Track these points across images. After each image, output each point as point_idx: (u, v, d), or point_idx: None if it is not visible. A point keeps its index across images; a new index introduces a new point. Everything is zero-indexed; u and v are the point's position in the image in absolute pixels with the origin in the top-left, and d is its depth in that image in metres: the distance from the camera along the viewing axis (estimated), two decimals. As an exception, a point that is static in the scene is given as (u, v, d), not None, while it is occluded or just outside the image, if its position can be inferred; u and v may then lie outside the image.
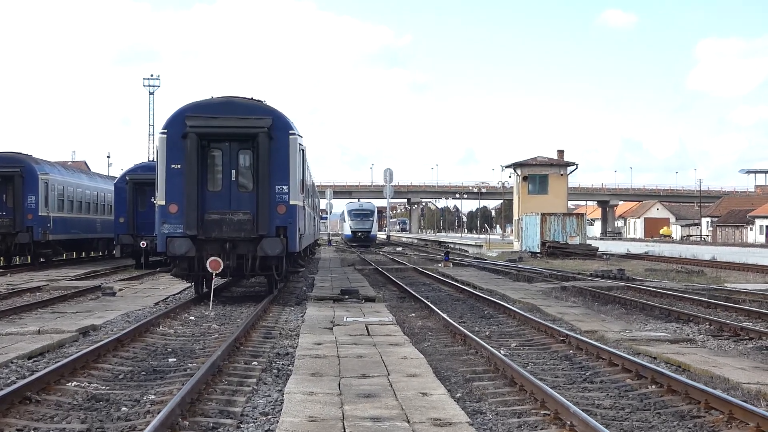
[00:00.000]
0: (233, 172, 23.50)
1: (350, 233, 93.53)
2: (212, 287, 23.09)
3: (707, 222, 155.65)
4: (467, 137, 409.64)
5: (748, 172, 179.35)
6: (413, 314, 22.48)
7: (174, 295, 26.37)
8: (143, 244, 39.06)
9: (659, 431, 10.19)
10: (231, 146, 23.56)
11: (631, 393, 12.15)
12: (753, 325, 19.63)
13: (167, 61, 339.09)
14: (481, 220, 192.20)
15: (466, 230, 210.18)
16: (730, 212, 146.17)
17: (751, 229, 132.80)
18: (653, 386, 12.31)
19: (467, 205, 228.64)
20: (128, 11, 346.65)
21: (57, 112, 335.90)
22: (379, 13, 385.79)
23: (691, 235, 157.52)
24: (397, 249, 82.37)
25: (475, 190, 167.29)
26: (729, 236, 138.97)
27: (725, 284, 33.49)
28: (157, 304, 23.77)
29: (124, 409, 10.85)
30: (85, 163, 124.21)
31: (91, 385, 12.28)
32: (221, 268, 22.60)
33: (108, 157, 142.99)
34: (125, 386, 12.36)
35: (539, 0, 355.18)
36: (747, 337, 18.05)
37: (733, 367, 13.71)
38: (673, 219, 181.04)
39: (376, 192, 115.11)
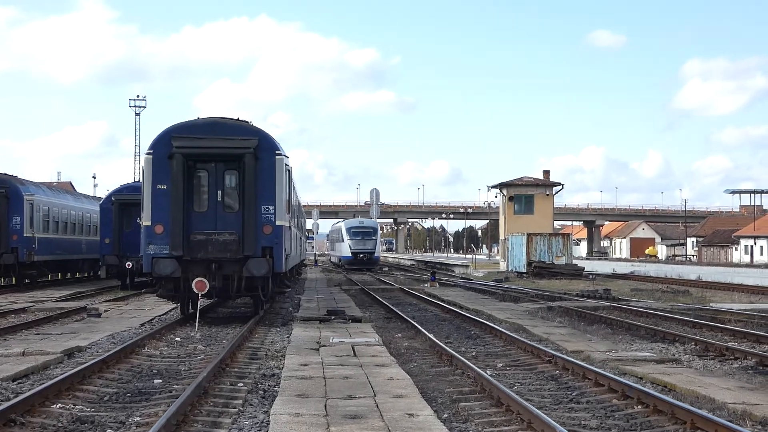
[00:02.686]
0: (219, 192, 23.46)
1: (350, 254, 79.65)
2: (198, 308, 23.02)
3: (693, 242, 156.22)
4: (454, 157, 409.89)
5: (734, 192, 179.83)
6: (400, 335, 22.46)
7: (160, 316, 26.28)
8: (129, 264, 38.91)
9: (645, 451, 10.19)
10: (217, 167, 23.55)
11: (618, 413, 12.15)
12: (738, 345, 19.68)
13: (154, 82, 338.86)
14: (467, 240, 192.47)
15: (452, 250, 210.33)
16: (716, 232, 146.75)
17: (736, 249, 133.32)
18: (639, 406, 12.32)
19: (454, 225, 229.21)
20: (115, 33, 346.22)
21: (42, 132, 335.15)
22: (366, 34, 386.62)
23: (676, 255, 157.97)
24: (384, 269, 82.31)
25: (462, 210, 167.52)
26: (714, 256, 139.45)
27: (711, 304, 33.56)
28: (142, 325, 23.68)
29: (109, 431, 10.80)
30: (71, 183, 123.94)
31: (76, 407, 12.22)
32: (207, 289, 22.54)
33: (94, 177, 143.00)
34: (110, 408, 12.30)
35: (528, 19, 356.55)
36: (732, 357, 18.08)
37: (719, 387, 13.73)
38: (658, 239, 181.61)
39: (363, 212, 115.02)
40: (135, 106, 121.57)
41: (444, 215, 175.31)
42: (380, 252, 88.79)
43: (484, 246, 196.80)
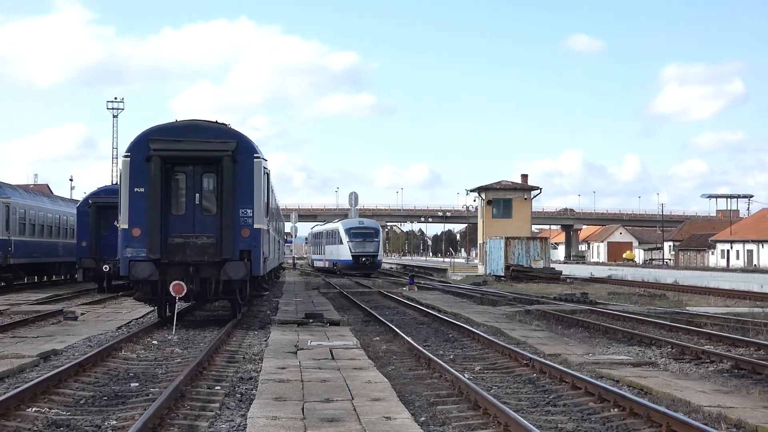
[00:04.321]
0: (197, 195, 23.40)
1: (349, 258, 71.33)
2: (175, 311, 22.97)
3: (669, 246, 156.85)
4: (433, 161, 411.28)
5: (710, 196, 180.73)
6: (378, 338, 22.46)
7: (137, 319, 26.17)
8: (106, 267, 38.76)
9: (621, 454, 10.23)
10: (195, 169, 23.48)
11: (594, 416, 12.19)
12: (714, 349, 19.80)
13: (132, 84, 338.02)
14: (446, 244, 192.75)
15: (431, 254, 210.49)
16: (692, 236, 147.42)
17: (712, 253, 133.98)
18: (616, 409, 12.37)
19: (432, 229, 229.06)
20: (92, 34, 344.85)
21: (19, 134, 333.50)
22: (347, 38, 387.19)
23: (653, 259, 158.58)
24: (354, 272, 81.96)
25: (441, 213, 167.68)
26: (691, 260, 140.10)
27: (687, 308, 33.74)
28: (119, 328, 23.57)
29: (85, 434, 10.75)
30: (48, 186, 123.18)
31: (52, 410, 12.16)
32: (184, 292, 22.51)
33: (71, 180, 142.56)
34: (86, 411, 12.24)
35: (507, 24, 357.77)
36: (708, 361, 18.18)
37: (695, 390, 13.81)
38: (636, 243, 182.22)
39: (341, 215, 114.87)
40: (113, 109, 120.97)
41: (423, 219, 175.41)
42: (382, 255, 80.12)
43: (463, 249, 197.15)
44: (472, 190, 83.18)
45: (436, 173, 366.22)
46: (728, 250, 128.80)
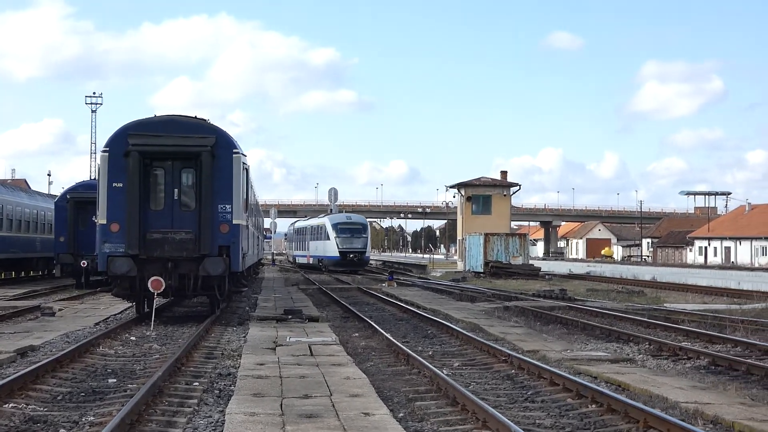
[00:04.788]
0: (176, 190, 23.34)
1: (337, 255, 69.18)
2: (154, 307, 22.90)
3: (648, 243, 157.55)
4: (413, 157, 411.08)
5: (688, 193, 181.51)
6: (357, 334, 22.47)
7: (115, 315, 26.09)
8: (84, 263, 38.62)
9: (599, 450, 10.27)
10: (174, 165, 23.41)
11: (572, 412, 12.24)
12: (691, 345, 19.91)
13: (111, 79, 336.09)
14: (425, 240, 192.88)
15: (410, 250, 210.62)
16: (670, 233, 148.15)
17: (690, 250, 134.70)
18: (593, 405, 12.42)
19: (412, 225, 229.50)
20: (71, 29, 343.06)
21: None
22: (326, 34, 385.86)
23: (632, 256, 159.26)
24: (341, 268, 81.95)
25: (420, 209, 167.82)
26: (669, 257, 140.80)
27: (665, 304, 33.90)
28: (97, 324, 23.49)
29: (62, 431, 10.72)
30: (25, 181, 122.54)
31: (29, 406, 12.10)
32: (163, 288, 22.45)
33: (49, 175, 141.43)
34: (64, 408, 12.19)
35: (487, 20, 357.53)
36: (685, 357, 18.28)
37: (672, 387, 13.88)
38: (614, 240, 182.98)
39: (321, 211, 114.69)
40: (91, 104, 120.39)
41: (402, 215, 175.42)
42: (370, 251, 77.72)
43: (442, 246, 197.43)
44: (451, 187, 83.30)
45: (416, 169, 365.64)
46: (706, 247, 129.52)
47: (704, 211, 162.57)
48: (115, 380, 14.58)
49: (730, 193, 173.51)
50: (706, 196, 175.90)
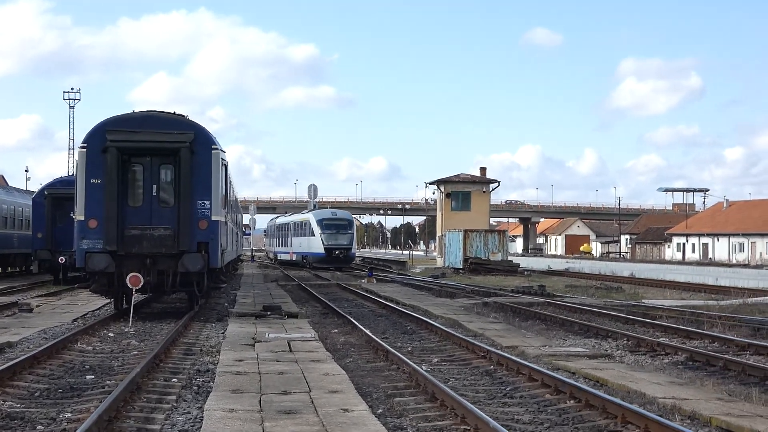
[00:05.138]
0: (154, 187, 23.28)
1: (322, 251, 67.24)
2: (132, 303, 22.82)
3: (626, 239, 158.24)
4: (392, 153, 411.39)
5: (666, 190, 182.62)
6: (336, 330, 22.45)
7: (93, 311, 25.97)
8: (62, 259, 38.43)
9: (577, 445, 10.31)
10: (152, 161, 23.35)
11: (550, 408, 12.27)
12: (669, 341, 20.00)
13: (89, 74, 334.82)
14: (405, 236, 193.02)
15: (390, 246, 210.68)
16: (649, 230, 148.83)
17: (668, 246, 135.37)
18: (572, 401, 12.45)
19: (392, 221, 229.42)
20: (49, 23, 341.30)
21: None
22: (306, 30, 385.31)
23: (610, 252, 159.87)
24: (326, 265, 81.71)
25: (400, 206, 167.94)
26: (647, 253, 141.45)
27: (643, 300, 34.05)
28: (75, 320, 23.38)
29: (39, 427, 10.65)
30: (3, 177, 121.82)
31: (6, 403, 12.03)
32: (141, 284, 22.39)
33: (26, 171, 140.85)
34: (41, 404, 12.13)
35: (467, 17, 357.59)
36: (663, 353, 18.36)
37: (650, 382, 13.94)
38: (593, 236, 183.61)
39: (301, 207, 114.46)
40: (69, 99, 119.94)
41: (382, 211, 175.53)
42: (356, 248, 73.83)
43: (422, 242, 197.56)
44: (431, 183, 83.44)
45: (396, 166, 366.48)
46: (684, 244, 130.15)
47: (682, 207, 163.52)
48: (93, 377, 14.52)
49: (707, 190, 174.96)
50: (684, 193, 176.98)
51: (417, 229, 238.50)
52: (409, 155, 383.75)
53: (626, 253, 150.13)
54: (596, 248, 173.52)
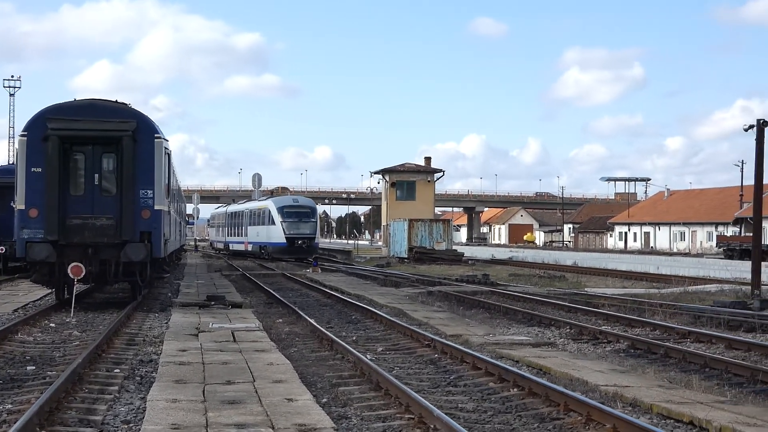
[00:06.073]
0: (96, 176, 23.03)
1: (284, 241, 62.48)
2: (74, 293, 22.57)
3: (569, 228, 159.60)
4: (338, 143, 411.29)
5: (609, 179, 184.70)
6: (280, 320, 22.40)
7: (34, 301, 25.65)
8: (2, 249, 37.86)
9: (520, 433, 10.38)
10: (94, 149, 23.09)
11: (494, 396, 12.36)
12: (611, 329, 20.23)
13: (30, 62, 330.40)
14: (350, 226, 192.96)
15: (335, 236, 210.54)
16: (591, 219, 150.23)
17: (610, 235, 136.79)
18: (515, 389, 12.54)
19: (336, 211, 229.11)
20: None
21: None
22: (251, 18, 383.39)
23: (553, 241, 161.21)
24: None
25: (345, 195, 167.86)
26: (590, 242, 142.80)
27: (586, 289, 34.39)
28: (15, 311, 23.06)
29: (-22, 419, 10.51)
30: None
31: (-56, 395, 11.85)
32: (83, 274, 22.15)
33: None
34: (-20, 396, 11.96)
35: (412, 6, 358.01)
36: (605, 341, 18.57)
37: (592, 370, 14.08)
38: (536, 225, 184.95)
39: (245, 197, 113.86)
40: (9, 87, 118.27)
41: (327, 201, 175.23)
42: (320, 237, 69.84)
43: (367, 232, 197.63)
44: (376, 173, 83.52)
45: (341, 155, 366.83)
46: (626, 233, 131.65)
47: (624, 197, 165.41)
48: (33, 367, 14.34)
49: (649, 179, 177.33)
50: (627, 182, 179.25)
51: (362, 219, 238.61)
52: (355, 144, 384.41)
53: (569, 242, 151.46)
54: (539, 237, 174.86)
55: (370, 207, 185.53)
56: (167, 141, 24.33)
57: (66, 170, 22.71)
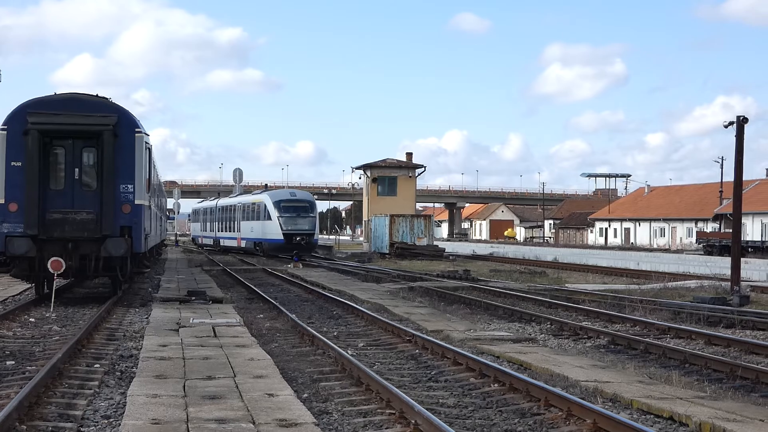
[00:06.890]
0: (77, 170, 22.94)
1: (281, 237, 58.80)
2: (54, 288, 22.48)
3: (550, 224, 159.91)
4: (319, 138, 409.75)
5: (590, 175, 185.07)
6: (261, 315, 22.38)
7: (13, 296, 25.56)
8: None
9: (501, 428, 10.41)
10: (75, 144, 22.99)
11: (475, 391, 12.38)
12: (591, 325, 20.30)
13: (10, 56, 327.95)
14: (331, 221, 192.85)
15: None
16: (572, 215, 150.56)
17: (591, 231, 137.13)
18: (496, 385, 12.57)
19: (318, 206, 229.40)
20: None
21: None
22: (233, 13, 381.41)
23: (534, 237, 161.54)
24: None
25: (326, 190, 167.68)
26: (570, 238, 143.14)
27: (566, 285, 34.51)
28: (-5, 305, 22.97)
29: (-43, 414, 10.45)
30: None
31: None
32: (63, 269, 22.05)
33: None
34: (-41, 391, 11.90)
35: (394, 1, 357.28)
36: (586, 336, 18.63)
37: (572, 366, 14.13)
38: (517, 221, 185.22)
39: (226, 192, 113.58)
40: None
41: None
42: (319, 233, 65.76)
43: (348, 227, 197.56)
44: (357, 168, 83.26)
45: (322, 150, 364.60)
46: (606, 229, 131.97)
47: (605, 193, 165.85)
48: (13, 362, 14.27)
49: (629, 175, 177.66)
50: (607, 178, 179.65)
51: (343, 214, 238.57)
52: (336, 140, 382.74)
53: (550, 237, 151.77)
54: (520, 233, 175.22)
55: (351, 202, 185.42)
56: (148, 135, 24.25)
57: (46, 164, 22.61)
